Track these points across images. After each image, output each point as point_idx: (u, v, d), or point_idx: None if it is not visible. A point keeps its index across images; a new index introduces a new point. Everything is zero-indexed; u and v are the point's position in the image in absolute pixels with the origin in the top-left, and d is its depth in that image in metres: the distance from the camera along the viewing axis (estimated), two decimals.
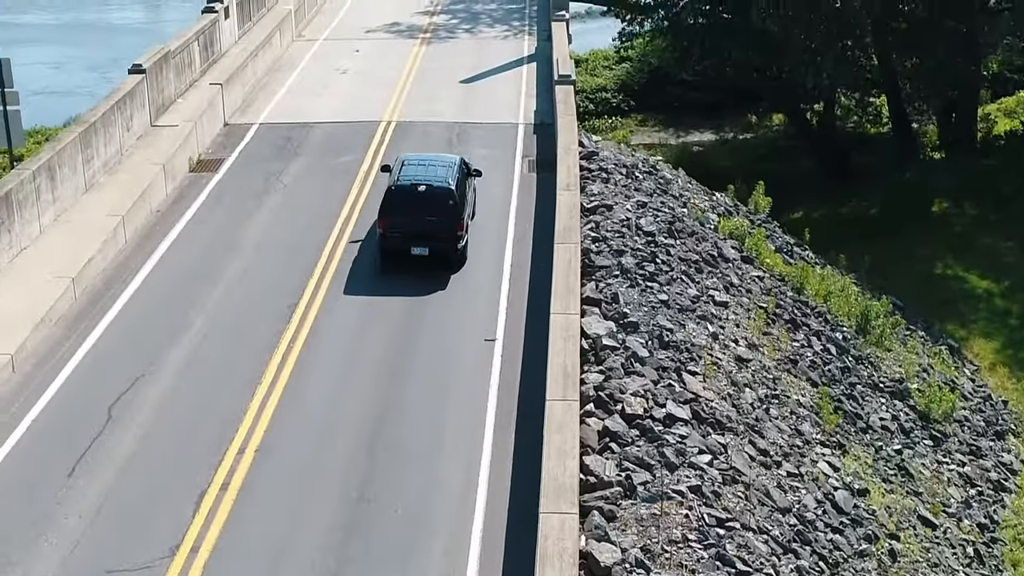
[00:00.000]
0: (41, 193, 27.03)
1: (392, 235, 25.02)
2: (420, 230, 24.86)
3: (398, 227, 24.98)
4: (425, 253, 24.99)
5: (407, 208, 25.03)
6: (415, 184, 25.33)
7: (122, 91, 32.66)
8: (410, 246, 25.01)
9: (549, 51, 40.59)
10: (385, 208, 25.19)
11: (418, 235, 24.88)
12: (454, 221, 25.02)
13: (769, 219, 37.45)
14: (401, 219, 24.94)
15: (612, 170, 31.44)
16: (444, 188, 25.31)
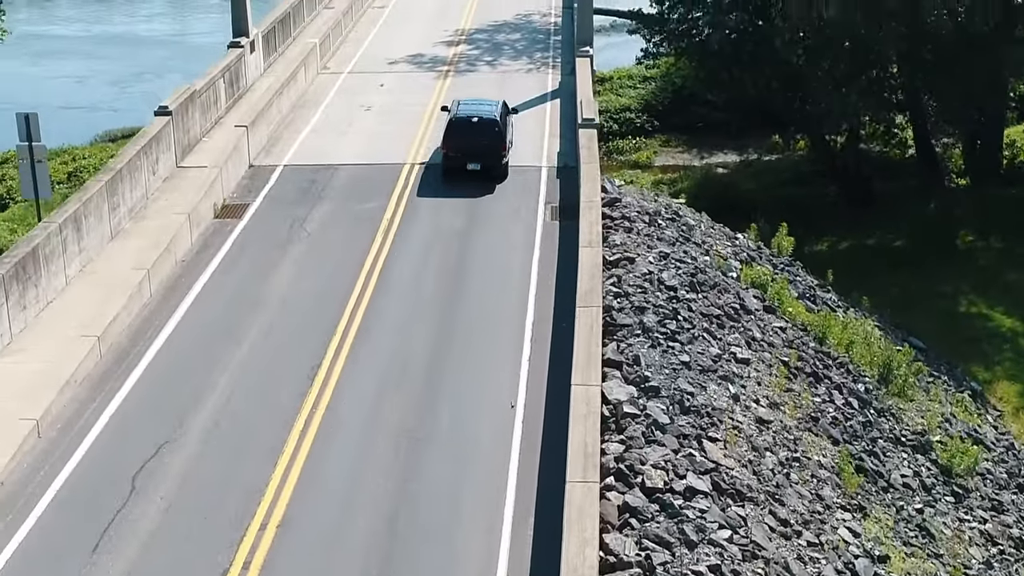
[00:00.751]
0: (68, 245, 27.26)
1: (453, 155, 33.47)
2: (474, 150, 33.23)
3: (458, 149, 33.43)
4: (478, 168, 33.28)
5: (464, 135, 33.34)
6: (469, 116, 33.79)
7: (148, 135, 32.91)
8: (466, 162, 33.32)
9: (573, 86, 40.59)
10: (448, 135, 33.64)
11: (472, 154, 33.18)
12: (499, 144, 33.51)
13: (792, 260, 37.42)
14: (460, 143, 33.31)
15: (635, 218, 31.49)
16: (491, 119, 33.89)
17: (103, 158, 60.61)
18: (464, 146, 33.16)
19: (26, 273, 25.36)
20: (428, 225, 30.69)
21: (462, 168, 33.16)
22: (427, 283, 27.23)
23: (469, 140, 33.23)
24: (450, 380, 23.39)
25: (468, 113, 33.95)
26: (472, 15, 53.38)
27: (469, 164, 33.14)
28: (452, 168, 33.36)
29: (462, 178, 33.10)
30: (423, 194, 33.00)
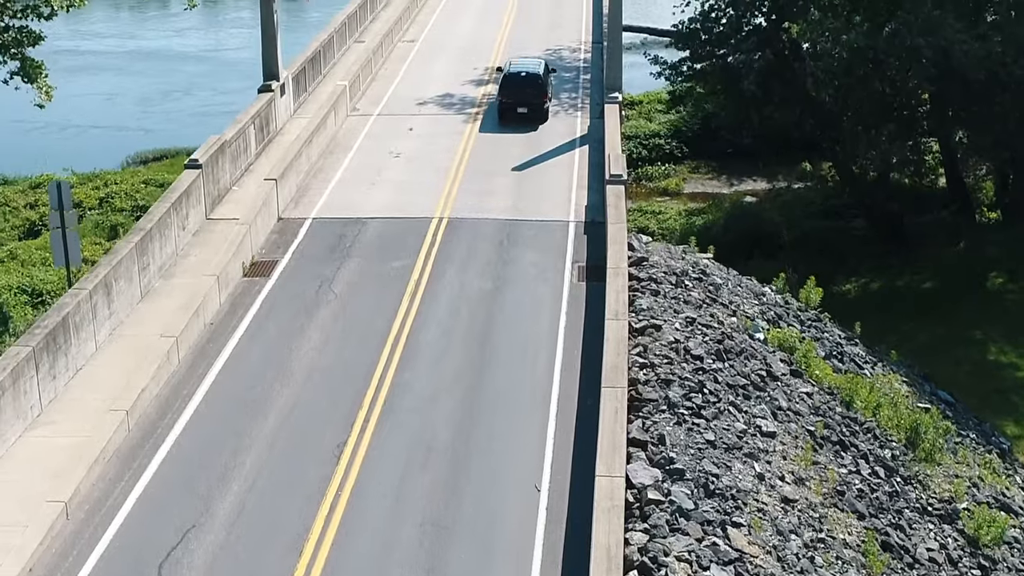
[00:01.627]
0: (97, 311, 27.49)
1: (507, 101, 43.70)
2: (522, 98, 43.40)
3: (510, 96, 43.64)
4: (525, 111, 43.30)
5: (515, 87, 43.65)
6: (519, 72, 44.19)
7: (178, 190, 33.12)
8: (517, 107, 43.38)
9: (601, 132, 40.61)
10: (502, 87, 44.05)
11: (521, 101, 43.38)
12: (541, 94, 43.72)
13: (820, 312, 37.31)
14: (512, 92, 43.57)
15: (662, 279, 31.48)
16: (535, 74, 44.20)
17: (134, 183, 61.16)
18: (515, 95, 43.46)
19: (56, 344, 25.60)
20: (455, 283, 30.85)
21: (514, 110, 43.60)
22: (453, 354, 27.27)
23: (519, 91, 43.56)
24: (475, 461, 23.45)
25: (518, 70, 44.41)
26: (502, 50, 53.26)
27: (519, 108, 43.49)
28: (506, 111, 43.76)
29: (514, 118, 43.51)
30: (485, 130, 43.31)
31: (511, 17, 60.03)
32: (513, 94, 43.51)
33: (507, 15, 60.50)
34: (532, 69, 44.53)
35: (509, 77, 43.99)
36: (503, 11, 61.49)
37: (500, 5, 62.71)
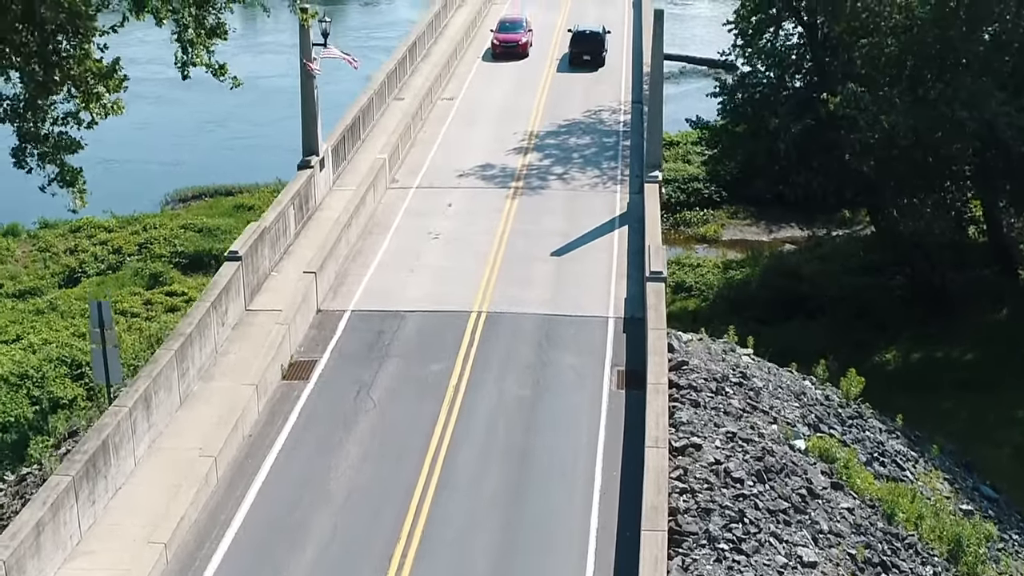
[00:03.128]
0: (137, 426, 27.55)
1: (576, 51, 60.80)
2: (587, 49, 60.74)
3: (578, 48, 60.88)
4: (588, 59, 60.36)
5: (581, 41, 60.84)
6: (584, 31, 61.63)
7: (218, 285, 33.12)
8: (583, 55, 60.61)
9: (641, 211, 40.37)
10: (573, 41, 61.16)
11: (586, 51, 60.65)
12: (600, 47, 61.05)
13: (860, 404, 37.00)
14: (579, 46, 60.81)
15: (701, 387, 31.27)
16: (595, 33, 61.61)
17: (173, 228, 61.33)
18: (582, 46, 61.16)
19: (96, 468, 25.68)
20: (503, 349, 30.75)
21: (580, 57, 61.06)
22: (490, 476, 27.12)
23: (584, 44, 61.18)
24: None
25: (583, 29, 62.17)
26: (542, 111, 53.02)
27: (584, 56, 61.01)
28: (575, 57, 61.38)
29: (580, 63, 60.88)
30: (561, 70, 61.35)
31: (551, 69, 59.67)
32: (580, 46, 61.01)
33: (548, 67, 60.16)
34: (593, 29, 62.49)
35: (577, 34, 61.57)
36: (543, 62, 61.13)
37: (541, 53, 62.59)
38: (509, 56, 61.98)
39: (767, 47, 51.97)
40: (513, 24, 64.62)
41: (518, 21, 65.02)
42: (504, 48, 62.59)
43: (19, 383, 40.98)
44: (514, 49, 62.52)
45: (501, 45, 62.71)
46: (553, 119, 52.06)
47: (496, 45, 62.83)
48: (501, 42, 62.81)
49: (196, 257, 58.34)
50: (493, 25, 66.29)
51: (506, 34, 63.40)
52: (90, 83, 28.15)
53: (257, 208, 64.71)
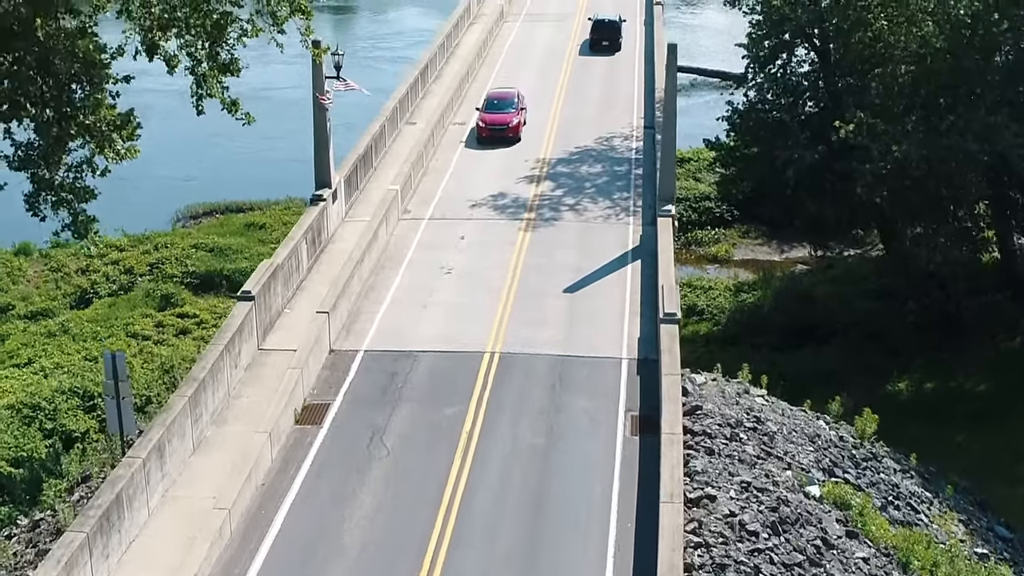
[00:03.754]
0: (150, 477, 27.52)
1: (595, 37, 66.95)
2: (605, 36, 66.90)
3: (598, 35, 66.97)
4: (606, 44, 66.59)
5: (601, 28, 67.04)
6: (603, 19, 67.93)
7: (231, 328, 33.06)
8: (602, 41, 66.67)
9: (654, 244, 40.24)
10: (593, 28, 67.46)
11: (604, 38, 66.79)
12: (617, 34, 67.44)
13: (875, 442, 36.89)
14: (599, 31, 66.96)
15: (716, 433, 31.18)
16: (613, 20, 68.16)
17: (184, 247, 61.30)
18: (601, 33, 67.42)
19: (110, 522, 25.65)
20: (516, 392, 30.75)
21: (600, 43, 67.22)
22: (504, 529, 27.04)
23: (603, 31, 67.55)
24: None
25: (602, 19, 68.48)
26: (553, 137, 52.85)
27: (603, 42, 67.31)
28: (595, 43, 67.42)
29: (600, 48, 66.95)
30: (583, 53, 67.47)
31: (562, 93, 59.42)
32: (599, 33, 67.28)
33: (558, 90, 59.95)
34: (611, 18, 68.65)
35: (597, 23, 67.92)
36: (555, 85, 60.83)
37: (551, 78, 62.08)
38: (496, 142, 52.22)
39: (779, 74, 51.76)
40: (502, 101, 54.24)
41: (509, 97, 54.64)
42: (492, 131, 52.48)
43: (31, 415, 40.96)
44: (503, 133, 52.36)
45: (488, 128, 52.57)
46: (565, 146, 51.80)
47: (482, 128, 52.65)
48: (488, 124, 52.67)
49: (207, 277, 58.34)
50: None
51: (494, 113, 53.30)
52: (104, 132, 28.13)
53: (268, 227, 64.77)
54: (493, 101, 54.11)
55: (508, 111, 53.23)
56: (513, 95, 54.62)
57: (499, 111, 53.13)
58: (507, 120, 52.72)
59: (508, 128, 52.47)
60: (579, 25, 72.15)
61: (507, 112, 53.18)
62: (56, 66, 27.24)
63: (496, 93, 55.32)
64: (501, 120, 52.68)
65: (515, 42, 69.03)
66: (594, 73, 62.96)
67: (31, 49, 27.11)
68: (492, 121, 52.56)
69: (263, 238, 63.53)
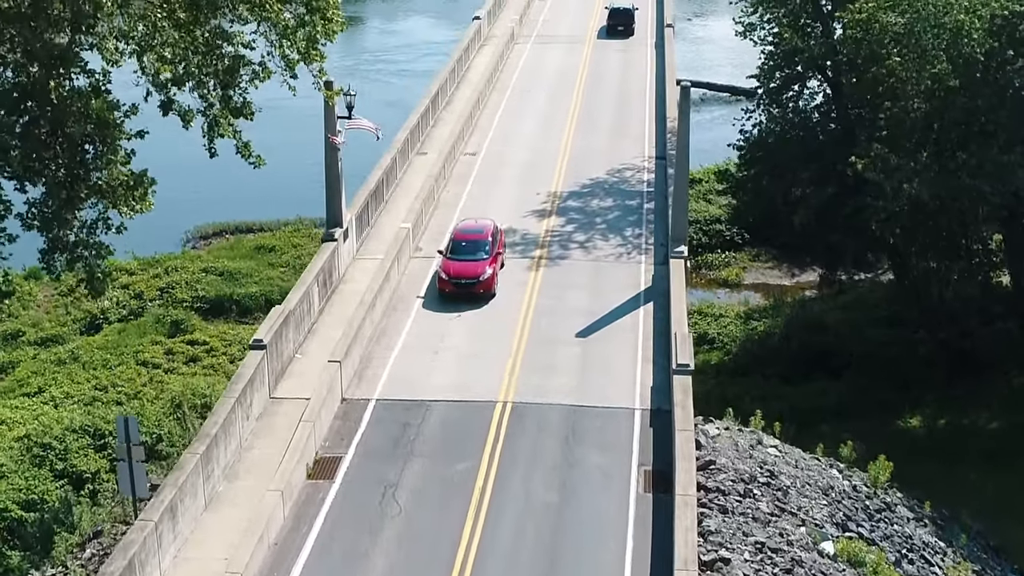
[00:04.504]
0: (162, 539, 27.47)
1: (611, 23, 76.20)
2: (620, 21, 76.10)
3: (613, 20, 76.29)
4: (621, 29, 76.00)
5: (616, 15, 76.22)
6: (618, 7, 76.94)
7: (243, 378, 32.99)
8: (616, 26, 75.71)
9: (666, 285, 40.13)
10: (610, 15, 76.77)
11: (619, 23, 76.06)
12: (631, 19, 76.95)
13: (889, 487, 36.76)
14: (614, 17, 76.22)
15: (729, 489, 31.09)
16: (627, 8, 76.90)
17: (194, 271, 61.24)
18: (616, 20, 75.89)
19: None
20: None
21: (615, 28, 75.65)
22: None
23: (618, 18, 76.00)
24: None
25: (617, 6, 76.47)
26: (564, 169, 52.68)
27: (618, 27, 75.61)
28: (611, 28, 76.05)
29: (615, 33, 75.03)
30: (601, 37, 76.01)
31: (573, 122, 59.11)
32: (615, 19, 75.78)
33: (569, 119, 59.68)
34: (625, 5, 76.91)
35: (613, 10, 76.56)
36: (565, 114, 60.47)
37: (562, 105, 61.82)
38: (463, 300, 40.58)
39: (790, 106, 51.64)
40: (472, 244, 41.83)
41: (481, 238, 42.14)
42: (457, 286, 40.65)
43: (42, 454, 40.85)
44: (472, 288, 40.50)
45: (451, 281, 40.68)
46: (576, 179, 51.60)
47: (443, 280, 40.87)
48: (452, 276, 40.72)
49: (217, 302, 58.32)
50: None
51: (461, 261, 41.16)
52: (118, 193, 28.05)
53: (278, 250, 64.74)
54: (460, 243, 41.83)
55: (479, 257, 41.19)
56: (486, 233, 42.26)
57: (467, 257, 41.16)
58: (477, 271, 40.60)
59: (479, 283, 40.44)
60: (590, 48, 72.14)
61: (478, 259, 41.11)
62: (69, 128, 27.14)
63: (465, 231, 42.77)
64: (469, 271, 40.65)
65: (526, 66, 68.76)
66: (606, 98, 62.73)
67: (44, 111, 27.03)
68: (458, 272, 40.67)
69: (273, 261, 63.57)
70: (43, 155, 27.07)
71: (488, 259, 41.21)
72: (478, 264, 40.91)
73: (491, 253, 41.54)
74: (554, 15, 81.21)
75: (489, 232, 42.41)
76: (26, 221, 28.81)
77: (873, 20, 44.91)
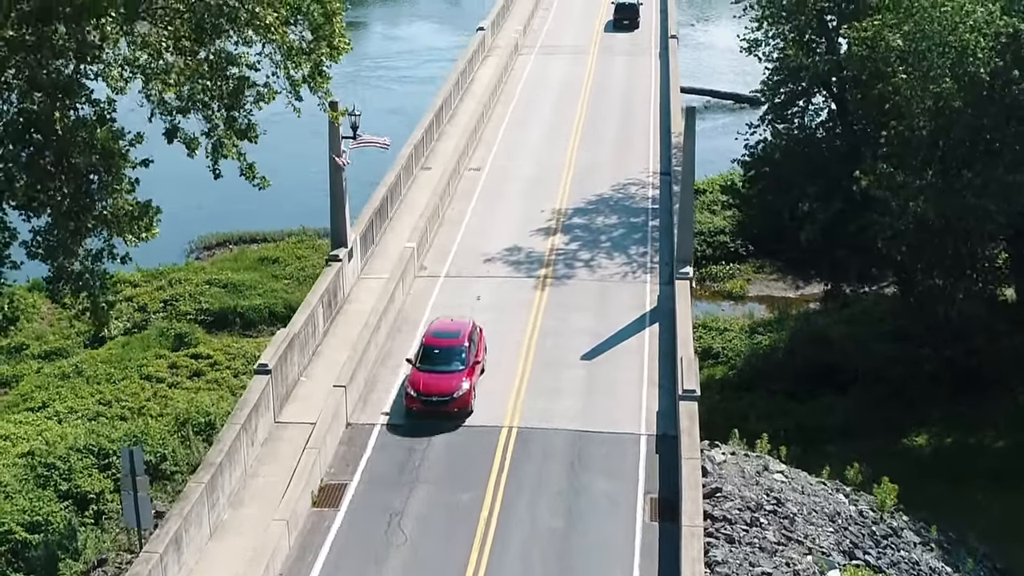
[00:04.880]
0: (168, 570, 27.46)
1: (617, 18, 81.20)
2: (625, 17, 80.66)
3: (619, 15, 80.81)
4: (627, 23, 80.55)
5: (622, 10, 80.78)
6: (624, 3, 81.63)
7: (248, 404, 32.93)
8: (622, 20, 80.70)
9: (671, 305, 40.01)
10: (616, 9, 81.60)
11: (624, 18, 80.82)
12: (636, 14, 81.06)
13: (895, 514, 36.67)
14: (621, 12, 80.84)
15: (736, 518, 31.03)
16: (633, 3, 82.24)
17: (198, 283, 61.17)
18: (622, 14, 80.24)
19: None
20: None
21: (621, 23, 79.77)
22: None
23: (624, 12, 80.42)
24: None
25: (623, 2, 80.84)
26: (569, 185, 52.54)
27: (624, 21, 79.98)
28: (617, 22, 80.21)
29: (622, 26, 79.35)
30: (608, 30, 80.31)
31: (578, 136, 58.96)
32: (621, 13, 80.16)
33: (574, 132, 59.55)
34: (631, 2, 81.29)
35: (619, 5, 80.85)
36: (570, 127, 60.32)
37: (567, 117, 61.72)
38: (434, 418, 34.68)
39: (796, 121, 51.56)
40: (446, 351, 35.69)
41: (456, 344, 35.92)
42: (426, 404, 34.69)
43: (46, 474, 40.77)
44: (444, 407, 34.62)
45: (419, 399, 34.70)
46: (581, 195, 51.47)
47: (411, 397, 34.87)
48: (420, 393, 34.73)
49: (221, 315, 58.23)
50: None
51: (432, 372, 35.04)
52: (123, 223, 28.00)
53: (282, 261, 64.66)
54: (433, 350, 35.66)
55: (454, 368, 35.07)
56: (463, 337, 36.02)
57: (440, 368, 35.00)
58: (450, 387, 34.62)
59: (452, 400, 34.53)
60: (594, 59, 72.06)
61: (453, 371, 34.98)
62: (75, 159, 27.07)
63: (438, 334, 36.42)
64: (442, 386, 34.63)
65: (530, 77, 68.67)
66: (610, 110, 62.62)
67: (49, 142, 26.96)
68: (429, 388, 34.69)
69: (276, 273, 63.47)
70: (48, 185, 26.98)
71: (464, 370, 34.97)
72: (453, 377, 34.70)
73: (468, 363, 35.27)
74: (557, 25, 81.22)
75: (466, 335, 36.08)
76: (31, 249, 28.80)
77: (879, 38, 44.81)
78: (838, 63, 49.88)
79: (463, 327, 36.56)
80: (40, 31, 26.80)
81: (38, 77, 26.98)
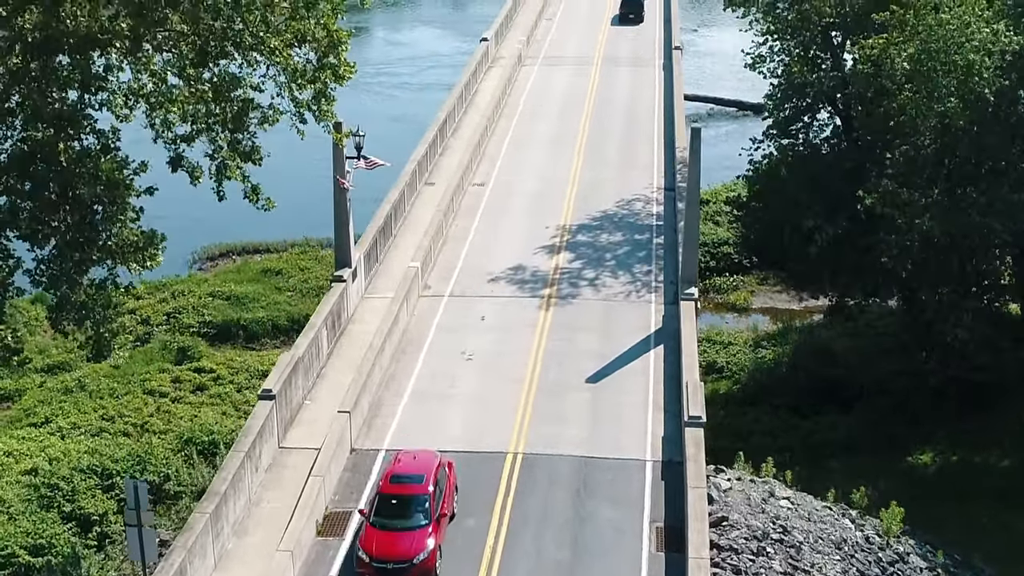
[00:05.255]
0: None
1: (622, 12, 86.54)
2: (630, 10, 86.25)
3: (625, 9, 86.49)
4: (632, 17, 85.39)
5: (626, 4, 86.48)
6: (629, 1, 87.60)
7: (253, 431, 32.85)
8: (628, 15, 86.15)
9: (675, 325, 39.92)
10: (622, 4, 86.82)
11: (629, 12, 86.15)
12: (641, 9, 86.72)
13: (901, 538, 36.54)
14: (626, 6, 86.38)
15: (742, 547, 30.91)
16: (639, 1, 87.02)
17: (201, 295, 61.05)
18: (627, 9, 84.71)
19: None
20: None
21: (627, 16, 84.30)
22: None
23: (629, 7, 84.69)
24: None
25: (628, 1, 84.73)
26: (573, 201, 52.39)
27: (629, 15, 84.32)
28: (623, 16, 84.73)
29: (626, 21, 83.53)
30: (614, 24, 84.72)
31: (582, 150, 58.72)
32: (626, 8, 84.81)
33: (578, 146, 59.35)
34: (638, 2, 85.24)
35: (624, 1, 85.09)
36: (574, 141, 60.17)
37: (570, 131, 61.51)
38: None
39: (801, 137, 51.40)
40: (405, 500, 29.67)
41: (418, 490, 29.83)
42: (379, 570, 28.62)
43: (49, 495, 40.71)
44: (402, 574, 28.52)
45: (371, 563, 28.66)
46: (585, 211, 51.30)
47: (363, 563, 28.77)
48: (374, 556, 28.69)
49: (224, 327, 58.15)
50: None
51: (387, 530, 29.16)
52: (127, 254, 27.87)
53: (285, 272, 64.50)
54: (389, 500, 29.74)
55: (415, 523, 29.21)
56: (427, 481, 30.02)
57: (397, 524, 29.19)
58: (409, 550, 28.66)
59: (412, 567, 28.53)
60: (597, 70, 71.90)
61: (413, 527, 29.12)
62: (79, 190, 26.93)
63: (396, 478, 30.41)
64: (399, 549, 28.70)
65: (533, 89, 68.48)
66: (614, 124, 62.50)
67: (54, 172, 26.83)
68: (383, 550, 28.80)
69: (280, 285, 63.34)
70: (52, 216, 26.85)
71: (427, 525, 28.90)
72: (414, 536, 28.70)
73: (432, 514, 29.15)
74: (561, 35, 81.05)
75: (431, 476, 29.89)
76: (34, 278, 28.69)
77: (884, 56, 44.66)
78: (843, 79, 49.71)
79: (428, 467, 30.12)
80: (45, 62, 26.66)
81: (42, 108, 26.82)
